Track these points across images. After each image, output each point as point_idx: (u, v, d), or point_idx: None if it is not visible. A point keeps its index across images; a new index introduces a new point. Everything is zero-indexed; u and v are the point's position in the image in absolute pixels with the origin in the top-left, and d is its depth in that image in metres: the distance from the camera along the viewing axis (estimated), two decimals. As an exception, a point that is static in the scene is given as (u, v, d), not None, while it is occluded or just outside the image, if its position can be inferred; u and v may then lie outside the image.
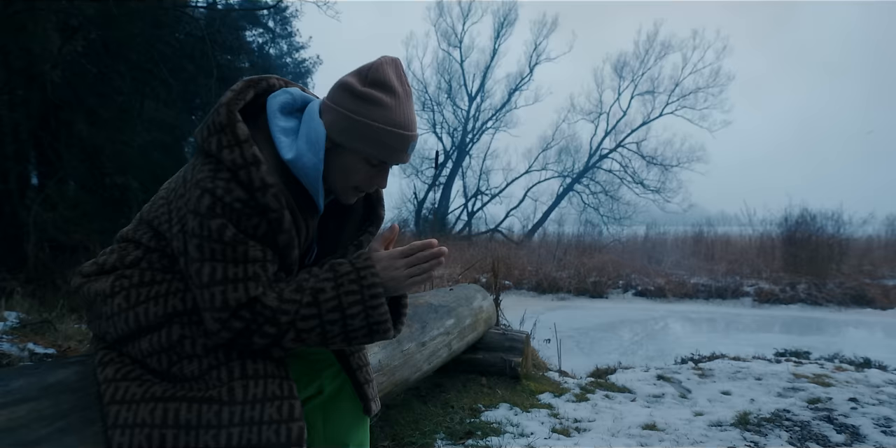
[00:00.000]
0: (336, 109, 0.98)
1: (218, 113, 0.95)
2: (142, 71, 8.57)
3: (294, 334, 0.93)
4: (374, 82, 0.97)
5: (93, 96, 8.02)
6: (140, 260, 1.01)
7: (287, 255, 0.97)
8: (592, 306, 9.49)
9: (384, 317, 0.97)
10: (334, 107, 0.98)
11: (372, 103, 0.96)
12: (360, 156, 0.99)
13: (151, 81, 8.85)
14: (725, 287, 10.62)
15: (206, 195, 0.89)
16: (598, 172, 19.51)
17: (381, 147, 0.97)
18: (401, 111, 0.97)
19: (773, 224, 13.89)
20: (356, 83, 0.98)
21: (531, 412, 2.60)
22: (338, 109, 0.98)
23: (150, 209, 1.05)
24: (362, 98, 0.96)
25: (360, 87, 0.97)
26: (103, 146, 8.17)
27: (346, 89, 0.98)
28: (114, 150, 8.28)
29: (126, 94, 8.58)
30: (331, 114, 0.98)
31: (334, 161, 0.99)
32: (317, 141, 0.97)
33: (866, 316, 9.35)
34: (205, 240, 0.90)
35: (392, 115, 0.96)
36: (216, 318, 0.91)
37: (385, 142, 0.97)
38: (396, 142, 0.98)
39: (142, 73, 8.63)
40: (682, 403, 2.87)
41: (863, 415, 2.58)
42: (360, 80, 0.98)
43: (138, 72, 8.59)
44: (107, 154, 8.28)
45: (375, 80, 0.97)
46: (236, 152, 0.91)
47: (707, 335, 7.56)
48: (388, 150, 0.98)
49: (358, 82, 0.98)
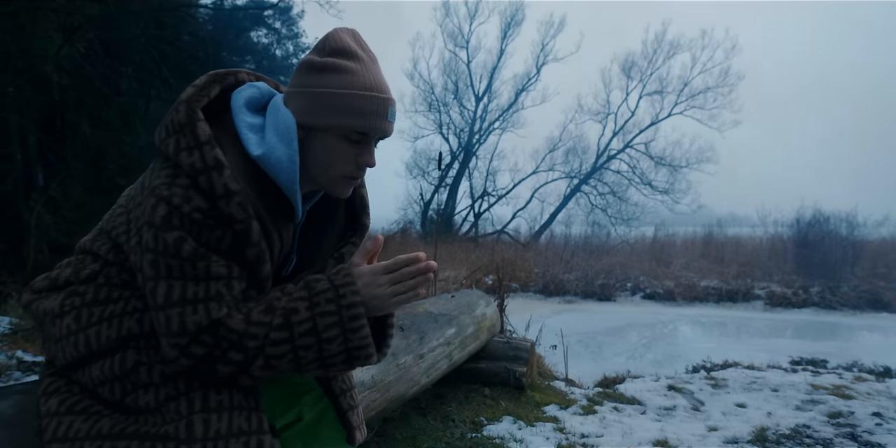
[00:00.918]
0: (299, 92, 0.88)
1: (176, 111, 0.85)
2: (145, 72, 8.54)
3: (263, 361, 0.82)
4: (333, 51, 0.88)
5: (96, 97, 7.99)
6: (97, 274, 0.90)
7: (257, 271, 0.86)
8: (600, 310, 9.33)
9: (365, 341, 0.86)
10: (297, 90, 0.88)
11: (335, 71, 0.86)
12: (337, 133, 0.87)
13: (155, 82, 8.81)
14: (736, 290, 10.42)
15: (161, 204, 0.79)
16: (606, 173, 19.32)
17: (355, 115, 0.86)
18: (368, 74, 0.87)
19: (785, 225, 13.66)
20: (314, 57, 0.88)
21: (536, 426, 2.48)
22: (301, 90, 0.87)
23: (110, 218, 0.95)
24: (324, 69, 0.86)
25: (320, 59, 0.87)
26: (107, 148, 8.14)
27: (306, 66, 0.88)
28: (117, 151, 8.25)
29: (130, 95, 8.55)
30: (295, 98, 0.88)
31: (312, 150, 0.88)
32: (287, 130, 0.86)
33: (882, 320, 9.13)
34: (160, 255, 0.79)
35: (359, 78, 0.86)
36: (173, 344, 0.80)
37: (359, 108, 0.86)
38: (371, 105, 0.86)
39: (145, 75, 8.60)
40: (694, 417, 2.74)
41: (889, 432, 2.44)
42: (319, 53, 0.88)
43: (142, 73, 8.56)
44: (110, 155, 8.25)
45: (334, 49, 0.88)
46: (195, 155, 0.81)
47: (717, 340, 7.40)
48: (364, 117, 0.86)
49: (316, 56, 0.88)
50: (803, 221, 13.33)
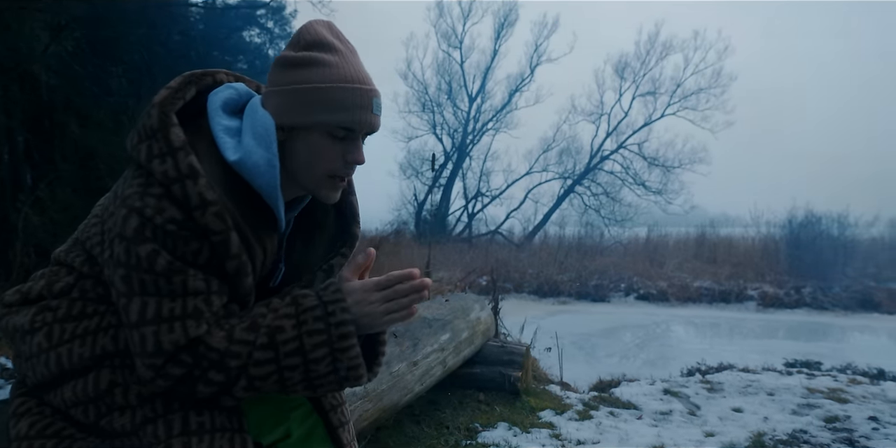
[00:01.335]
0: (276, 90, 0.83)
1: (149, 115, 0.80)
2: (136, 71, 8.43)
3: (246, 382, 0.78)
4: (309, 45, 0.83)
5: (85, 97, 7.89)
6: (71, 288, 0.85)
7: (239, 285, 0.82)
8: (594, 311, 9.32)
9: (355, 362, 0.81)
10: (274, 89, 0.83)
11: (312, 65, 0.81)
12: (321, 131, 0.82)
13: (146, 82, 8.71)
14: (729, 291, 10.46)
15: (133, 216, 0.74)
16: (600, 174, 19.34)
17: (338, 109, 0.81)
18: (349, 66, 0.82)
19: (777, 226, 13.73)
20: (290, 52, 0.83)
21: (531, 432, 2.45)
22: (278, 89, 0.82)
23: (85, 228, 0.90)
24: (301, 63, 0.81)
25: (296, 54, 0.82)
26: (96, 148, 8.03)
27: (281, 63, 0.83)
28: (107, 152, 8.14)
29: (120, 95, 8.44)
30: (273, 98, 0.83)
31: (294, 151, 0.84)
32: (265, 133, 0.81)
33: (873, 321, 9.19)
34: (132, 270, 0.74)
35: (339, 71, 0.81)
36: (148, 365, 0.75)
37: (341, 101, 0.81)
38: (355, 98, 0.81)
39: (136, 74, 8.49)
40: (691, 422, 2.71)
41: (886, 437, 2.42)
42: (294, 48, 0.84)
43: (133, 72, 8.46)
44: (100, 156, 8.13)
45: (310, 43, 0.83)
46: (169, 163, 0.76)
47: (711, 341, 7.40)
48: (349, 111, 0.81)
49: (291, 51, 0.84)
50: (795, 222, 13.41)
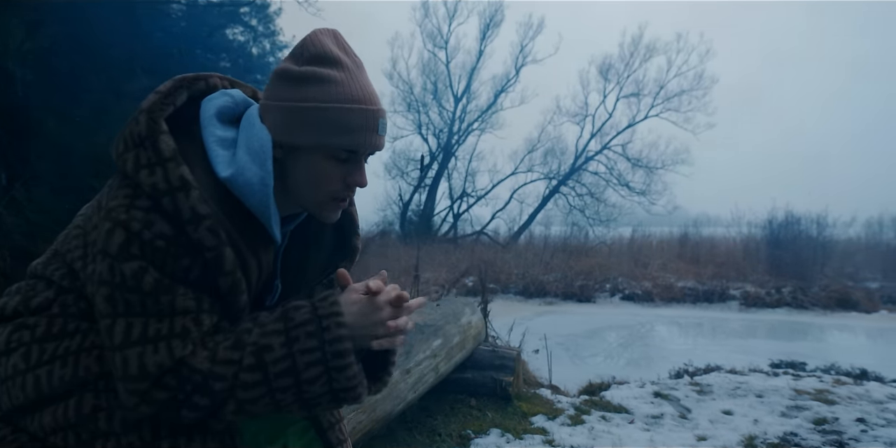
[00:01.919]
0: (276, 105, 0.78)
1: (136, 121, 0.75)
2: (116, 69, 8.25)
3: (235, 405, 0.72)
4: (313, 58, 0.77)
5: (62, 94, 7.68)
6: (50, 303, 0.79)
7: (233, 302, 0.77)
8: (580, 311, 9.36)
9: (352, 382, 0.75)
10: (274, 103, 0.78)
11: (317, 82, 0.76)
12: (323, 152, 0.78)
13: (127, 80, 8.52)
14: (712, 291, 10.58)
15: (118, 230, 0.69)
16: (584, 174, 19.47)
17: (343, 131, 0.76)
18: (355, 84, 0.77)
19: (758, 226, 13.94)
20: (291, 66, 0.78)
21: (524, 439, 2.42)
22: (278, 104, 0.77)
23: (65, 240, 0.84)
24: (303, 80, 0.76)
25: (298, 68, 0.77)
26: (75, 147, 7.83)
27: (282, 76, 0.78)
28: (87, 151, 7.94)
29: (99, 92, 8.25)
30: (272, 112, 0.78)
31: (293, 171, 0.79)
32: (261, 149, 0.76)
33: (852, 320, 9.36)
34: (116, 289, 0.69)
35: (345, 89, 0.76)
36: (132, 390, 0.70)
37: (347, 123, 0.76)
38: (360, 119, 0.77)
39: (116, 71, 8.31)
40: (682, 425, 2.71)
41: (874, 439, 2.44)
42: (296, 61, 0.78)
43: (112, 69, 8.27)
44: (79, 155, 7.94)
45: (314, 56, 0.77)
46: (158, 174, 0.71)
47: (696, 341, 7.47)
48: (353, 133, 0.77)
49: (293, 64, 0.78)
50: (775, 222, 13.64)
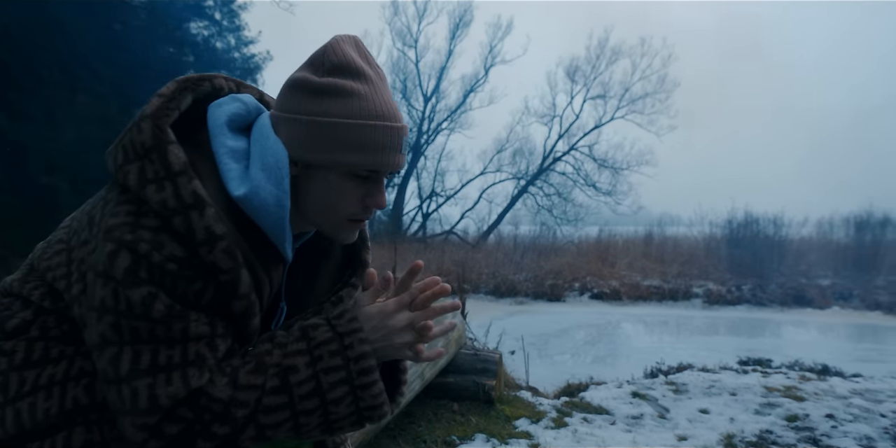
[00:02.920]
0: (293, 118, 0.71)
1: (139, 129, 0.67)
2: (72, 62, 7.87)
3: (255, 431, 0.67)
4: (335, 68, 0.71)
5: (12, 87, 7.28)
6: (29, 325, 0.72)
7: (245, 325, 0.71)
8: (551, 310, 9.46)
9: (379, 399, 0.72)
10: (290, 116, 0.71)
11: (338, 96, 0.70)
12: (343, 170, 0.72)
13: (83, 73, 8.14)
14: (677, 289, 10.87)
15: (123, 252, 0.62)
16: (552, 174, 19.72)
17: (367, 149, 0.70)
18: (379, 98, 0.72)
19: (719, 226, 14.39)
20: (311, 76, 0.71)
21: (510, 443, 2.41)
22: (296, 118, 0.71)
23: (43, 255, 0.75)
24: (325, 92, 0.70)
25: (319, 80, 0.71)
26: (26, 143, 7.43)
27: (301, 87, 0.71)
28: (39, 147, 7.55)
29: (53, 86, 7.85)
30: (287, 126, 0.71)
31: (309, 189, 0.73)
32: (276, 166, 0.70)
33: (806, 316, 9.77)
34: (122, 317, 0.63)
35: (369, 104, 0.71)
36: (140, 425, 0.63)
37: (370, 141, 0.70)
38: (384, 138, 0.71)
39: (72, 65, 7.93)
40: (662, 425, 2.75)
41: (844, 435, 2.54)
42: (316, 71, 0.72)
43: (67, 62, 7.88)
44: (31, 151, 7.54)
45: (335, 66, 0.71)
46: (168, 190, 0.64)
47: (664, 339, 7.66)
48: (377, 152, 0.71)
49: (313, 74, 0.72)
50: (735, 222, 14.14)
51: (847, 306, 10.39)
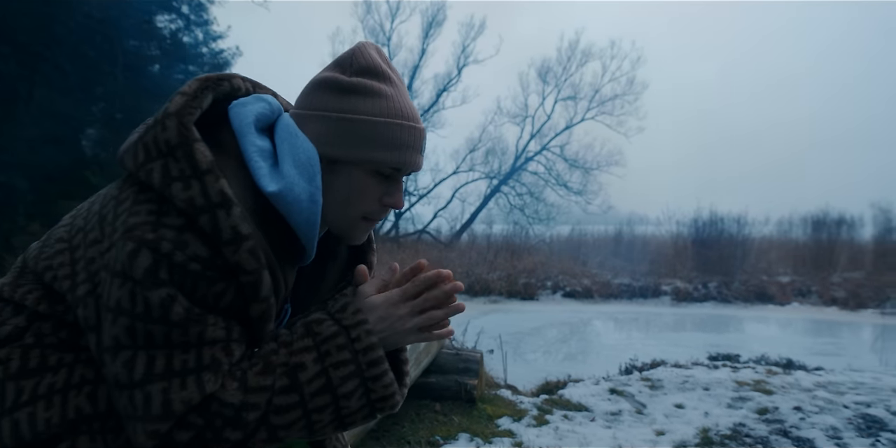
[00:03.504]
0: (321, 115, 0.72)
1: (164, 127, 0.66)
2: (30, 54, 7.55)
3: (266, 433, 0.66)
4: (363, 70, 0.74)
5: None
6: (23, 332, 0.69)
7: (261, 329, 0.70)
8: (525, 309, 9.56)
9: (390, 390, 0.71)
10: (317, 113, 0.72)
11: (367, 94, 0.72)
12: (366, 168, 0.73)
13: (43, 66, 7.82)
14: (646, 287, 11.12)
15: (144, 251, 0.61)
16: (524, 174, 19.91)
17: (392, 147, 0.73)
18: (402, 99, 0.75)
19: (685, 225, 14.79)
20: (339, 75, 0.73)
21: (493, 442, 2.43)
22: (323, 115, 0.72)
23: (41, 255, 0.73)
24: (353, 91, 0.72)
25: (348, 79, 0.73)
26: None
27: (329, 86, 0.73)
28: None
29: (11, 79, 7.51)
30: (314, 123, 0.72)
31: (331, 186, 0.73)
32: (308, 163, 0.70)
33: (769, 312, 10.13)
34: (139, 319, 0.61)
35: (395, 104, 0.73)
36: (151, 432, 0.62)
37: (396, 139, 0.72)
38: (409, 137, 0.74)
39: (30, 57, 7.60)
40: (640, 420, 2.81)
41: (812, 426, 2.64)
42: (344, 71, 0.74)
43: (26, 55, 7.56)
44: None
45: (363, 68, 0.74)
46: (195, 189, 0.63)
47: (636, 336, 7.83)
48: (401, 150, 0.73)
49: (340, 74, 0.74)
50: (701, 221, 14.55)
51: (806, 302, 10.82)
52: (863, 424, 2.71)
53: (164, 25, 11.15)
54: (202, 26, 12.24)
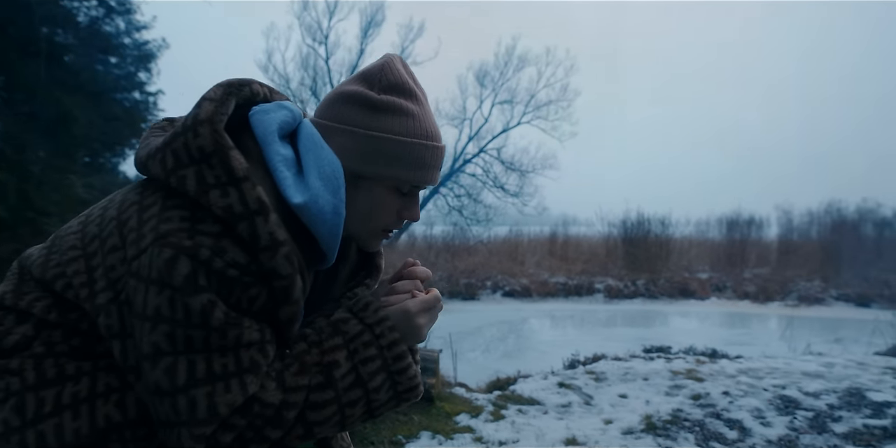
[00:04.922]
0: (348, 130, 0.74)
1: (196, 133, 0.66)
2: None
3: (303, 429, 0.69)
4: (391, 87, 0.76)
5: None
6: (31, 341, 0.67)
7: (288, 331, 0.72)
8: (467, 309, 9.71)
9: (415, 381, 0.75)
10: (344, 127, 0.74)
11: (396, 114, 0.74)
12: (389, 184, 0.76)
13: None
14: (581, 285, 11.61)
15: (182, 258, 0.61)
16: (462, 176, 20.18)
17: (415, 167, 0.75)
18: (429, 119, 0.78)
19: (615, 226, 15.56)
20: (368, 91, 0.75)
21: (455, 438, 2.49)
22: (351, 130, 0.74)
23: (48, 261, 0.71)
24: (382, 109, 0.74)
25: (377, 96, 0.75)
26: None
27: (358, 101, 0.74)
28: None
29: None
30: (340, 136, 0.74)
31: (353, 199, 0.75)
32: (333, 176, 0.72)
33: (691, 306, 10.87)
34: (179, 326, 0.62)
35: (421, 124, 0.76)
36: (197, 435, 0.62)
37: (421, 159, 0.75)
38: (432, 157, 0.77)
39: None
40: (589, 411, 2.97)
41: (740, 408, 2.90)
42: (372, 87, 0.76)
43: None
44: None
45: (391, 85, 0.76)
46: (233, 195, 0.64)
47: (573, 332, 8.17)
48: (423, 170, 0.76)
49: (369, 89, 0.75)
50: (629, 222, 15.38)
51: (722, 296, 11.70)
52: (781, 404, 3.01)
53: (81, 12, 10.40)
54: (124, 15, 11.51)
